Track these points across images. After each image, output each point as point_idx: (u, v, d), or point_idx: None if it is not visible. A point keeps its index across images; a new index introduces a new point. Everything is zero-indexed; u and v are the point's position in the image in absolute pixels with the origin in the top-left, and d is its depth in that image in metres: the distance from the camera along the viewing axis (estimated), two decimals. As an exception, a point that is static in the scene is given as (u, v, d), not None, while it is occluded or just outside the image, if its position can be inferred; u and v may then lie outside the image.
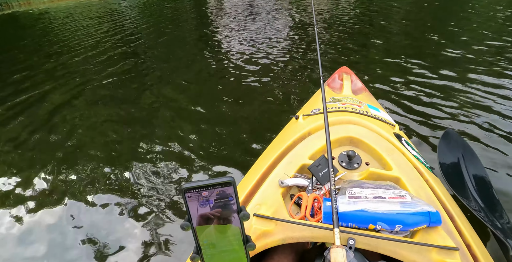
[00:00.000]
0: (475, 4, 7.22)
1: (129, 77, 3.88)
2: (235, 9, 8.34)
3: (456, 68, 3.22)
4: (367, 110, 1.32)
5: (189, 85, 3.25)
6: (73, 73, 4.13)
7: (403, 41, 4.37)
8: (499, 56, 3.54)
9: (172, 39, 5.59)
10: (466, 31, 4.61)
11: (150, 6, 11.47)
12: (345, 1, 8.51)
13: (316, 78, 3.11)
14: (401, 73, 3.20)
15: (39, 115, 2.98)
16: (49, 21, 9.79)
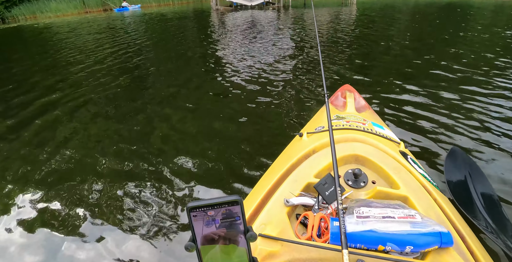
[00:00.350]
0: (475, 25, 7.35)
1: (130, 92, 3.88)
2: (238, 28, 8.47)
3: (459, 87, 3.23)
4: (372, 128, 1.31)
5: (192, 102, 3.23)
6: (72, 87, 4.14)
7: (404, 59, 4.40)
8: (503, 74, 3.56)
9: (174, 56, 5.63)
10: (468, 50, 4.66)
11: (154, 23, 11.66)
12: (345, 20, 8.69)
13: (318, 95, 3.12)
14: (403, 91, 3.21)
15: (30, 130, 2.95)
16: (52, 35, 9.95)
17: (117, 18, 14.48)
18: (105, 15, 17.82)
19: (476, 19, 8.35)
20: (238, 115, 2.85)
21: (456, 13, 10.55)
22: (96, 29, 10.60)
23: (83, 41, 8.04)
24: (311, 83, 3.54)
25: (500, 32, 6.00)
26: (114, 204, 1.86)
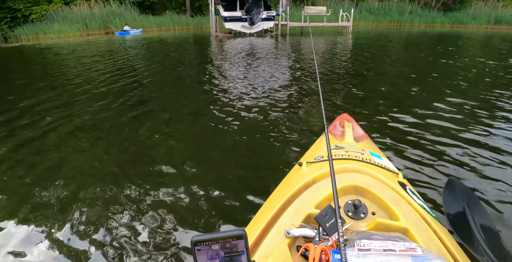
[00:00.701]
0: (466, 56, 7.65)
1: (125, 116, 3.89)
2: (236, 55, 8.67)
3: (455, 116, 3.30)
4: (370, 158, 1.31)
5: (187, 129, 3.22)
6: (66, 110, 4.14)
7: (399, 89, 4.50)
8: (497, 104, 3.65)
9: (171, 82, 5.69)
10: (460, 80, 4.81)
11: (154, 47, 11.92)
12: (341, 49, 8.98)
13: (317, 124, 3.14)
14: (400, 120, 3.26)
15: (22, 152, 2.91)
16: (53, 56, 10.07)
17: (118, 41, 14.80)
18: (107, 38, 18.23)
19: (466, 50, 8.68)
20: (236, 143, 2.84)
21: (447, 44, 10.95)
22: (97, 51, 10.80)
23: (83, 63, 8.17)
24: (309, 112, 3.58)
25: (490, 64, 6.23)
26: (110, 233, 1.80)
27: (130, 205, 2.01)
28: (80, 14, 22.74)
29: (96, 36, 20.93)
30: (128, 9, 23.58)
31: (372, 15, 26.02)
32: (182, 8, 26.47)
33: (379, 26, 25.00)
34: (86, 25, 22.36)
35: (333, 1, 26.32)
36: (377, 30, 20.09)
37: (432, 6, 28.91)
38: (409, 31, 20.32)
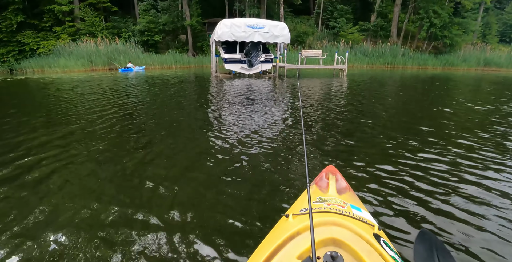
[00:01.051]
0: (457, 99, 7.90)
1: (121, 151, 3.98)
2: (234, 95, 8.92)
3: (438, 167, 3.37)
4: (350, 211, 1.42)
5: (178, 177, 3.23)
6: (63, 145, 4.21)
7: (387, 137, 4.56)
8: (481, 153, 3.75)
9: (170, 119, 5.86)
10: (445, 127, 4.95)
11: (155, 85, 12.28)
12: (335, 92, 9.29)
13: (304, 177, 3.20)
14: (385, 170, 3.35)
15: (15, 186, 2.97)
16: (56, 91, 10.28)
17: (121, 78, 15.24)
18: (110, 74, 18.79)
19: (457, 94, 8.99)
20: (224, 193, 2.88)
21: (439, 87, 11.35)
22: (99, 88, 11.08)
23: (83, 100, 8.39)
24: (299, 161, 3.64)
25: (480, 109, 6.44)
26: None
27: (114, 250, 2.03)
28: (86, 50, 23.60)
29: (100, 71, 21.57)
30: (133, 47, 24.55)
31: (367, 57, 27.16)
32: (185, 47, 27.61)
33: (373, 68, 26.00)
34: (91, 61, 23.12)
35: (328, 44, 27.61)
36: (372, 72, 20.85)
37: (423, 49, 30.31)
38: (402, 73, 21.09)
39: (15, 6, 24.95)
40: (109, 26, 27.91)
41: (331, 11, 31.80)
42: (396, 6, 29.53)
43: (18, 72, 24.26)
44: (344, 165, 3.48)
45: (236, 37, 14.32)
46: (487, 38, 35.78)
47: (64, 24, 26.34)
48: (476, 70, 28.64)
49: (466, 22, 30.40)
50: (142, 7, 27.72)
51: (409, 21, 31.03)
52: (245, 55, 15.23)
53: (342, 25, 29.74)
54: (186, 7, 26.56)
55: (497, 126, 5.28)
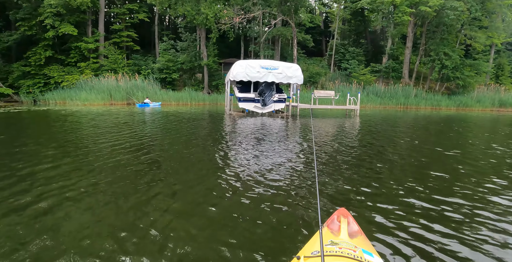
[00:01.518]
0: (472, 141, 7.71)
1: (133, 185, 4.02)
2: (247, 134, 9.04)
3: (458, 216, 3.22)
4: (362, 256, 1.44)
5: (189, 218, 3.21)
6: (71, 177, 4.26)
7: (400, 181, 4.49)
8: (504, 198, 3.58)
9: (182, 162, 5.91)
10: (472, 175, 4.78)
11: (170, 120, 12.59)
12: (348, 133, 9.27)
13: (316, 217, 3.12)
14: (397, 216, 3.26)
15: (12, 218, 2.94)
16: (73, 124, 10.52)
17: (138, 113, 15.72)
18: (128, 108, 19.44)
19: (473, 136, 8.76)
20: (235, 229, 2.86)
21: (453, 128, 11.15)
22: (115, 122, 11.41)
23: (99, 133, 8.62)
24: (310, 202, 3.58)
25: (497, 154, 6.24)
26: None
27: None
28: (106, 85, 24.71)
29: (118, 106, 22.36)
30: (151, 84, 25.61)
31: (379, 98, 27.41)
32: (200, 85, 28.66)
33: (386, 108, 26.11)
34: (111, 95, 24.10)
35: (341, 85, 28.17)
36: (384, 113, 20.91)
37: (436, 90, 30.48)
38: (416, 113, 21.06)
39: (46, 42, 26.83)
40: (130, 63, 29.44)
41: (343, 53, 32.88)
42: (407, 48, 30.33)
43: (41, 103, 25.41)
44: (356, 208, 3.42)
45: (250, 77, 14.81)
46: (500, 79, 35.90)
47: (89, 60, 27.97)
48: (491, 111, 28.41)
49: (478, 63, 30.78)
50: (162, 47, 29.32)
51: (421, 63, 31.64)
52: (258, 95, 15.62)
53: (354, 67, 30.52)
54: (203, 47, 27.97)
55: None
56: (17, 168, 4.80)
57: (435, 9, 26.03)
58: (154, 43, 33.15)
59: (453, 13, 25.86)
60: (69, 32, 26.23)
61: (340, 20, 36.01)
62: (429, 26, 29.65)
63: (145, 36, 34.29)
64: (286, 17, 26.30)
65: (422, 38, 30.52)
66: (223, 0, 27.20)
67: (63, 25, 26.16)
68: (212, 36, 27.31)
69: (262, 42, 28.42)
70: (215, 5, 25.94)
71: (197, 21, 25.84)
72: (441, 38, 28.96)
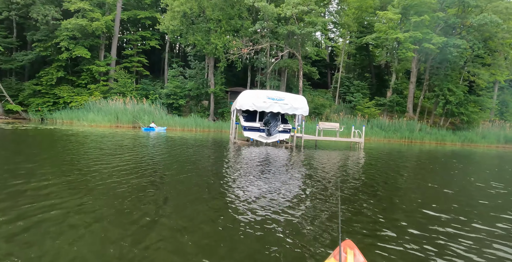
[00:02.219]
0: (480, 178, 7.51)
1: (130, 210, 3.98)
2: (251, 163, 8.97)
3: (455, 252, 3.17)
4: None
5: (181, 247, 3.13)
6: (75, 195, 4.27)
7: (407, 214, 4.49)
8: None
9: (185, 182, 5.89)
10: (479, 215, 4.64)
11: (174, 146, 12.58)
12: (352, 167, 9.15)
13: (318, 253, 3.13)
14: (401, 251, 3.24)
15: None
16: (78, 144, 10.52)
17: (143, 137, 15.77)
18: (133, 132, 19.54)
19: (479, 174, 8.54)
20: (239, 255, 2.85)
21: (459, 165, 10.96)
22: (119, 145, 11.42)
23: (101, 155, 8.61)
24: (314, 237, 3.54)
25: (504, 193, 6.06)
26: None
27: None
28: (114, 108, 25.10)
29: (124, 128, 22.54)
30: (158, 108, 25.99)
31: (383, 131, 27.49)
32: (206, 112, 29.03)
33: (390, 142, 26.06)
34: (117, 118, 24.40)
35: (345, 117, 28.40)
36: (389, 146, 20.82)
37: (441, 125, 30.57)
38: (421, 148, 20.93)
39: (59, 63, 27.72)
40: (139, 87, 30.08)
41: (348, 86, 33.46)
42: (411, 83, 30.84)
43: (48, 121, 25.74)
44: (361, 241, 3.43)
45: (256, 107, 14.98)
46: (505, 116, 36.12)
47: (99, 83, 28.67)
48: (497, 147, 28.25)
49: (482, 99, 31.15)
50: (171, 73, 30.08)
51: (425, 98, 32.00)
52: (264, 124, 15.71)
53: (359, 100, 30.91)
54: (211, 76, 28.65)
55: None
56: (16, 184, 4.89)
57: (438, 46, 26.77)
58: (163, 69, 34.07)
59: (456, 51, 26.56)
60: (82, 55, 27.16)
61: (346, 54, 37.05)
62: (433, 62, 30.36)
63: (155, 62, 35.33)
64: (293, 50, 27.11)
65: (426, 74, 31.12)
66: (233, 32, 28.21)
67: (77, 48, 27.13)
68: (220, 65, 28.07)
69: (269, 72, 29.10)
70: (224, 36, 26.90)
71: (207, 50, 26.69)
72: (444, 74, 29.54)
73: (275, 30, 26.27)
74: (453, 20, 28.37)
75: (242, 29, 27.82)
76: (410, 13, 27.92)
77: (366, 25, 34.88)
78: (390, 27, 28.24)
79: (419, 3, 27.00)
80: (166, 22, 26.51)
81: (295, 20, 25.47)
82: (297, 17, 25.37)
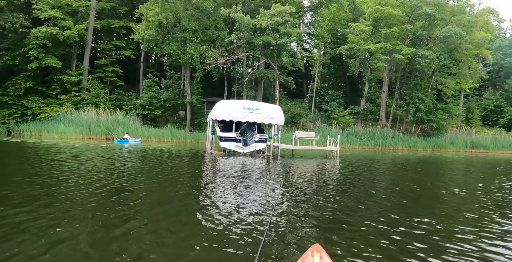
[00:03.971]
0: (449, 182, 7.78)
1: (106, 224, 3.92)
2: (227, 173, 8.93)
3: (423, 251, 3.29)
4: None
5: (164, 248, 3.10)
6: (48, 213, 4.11)
7: (375, 219, 4.60)
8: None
9: (160, 194, 5.79)
10: (440, 211, 4.75)
11: (149, 157, 12.31)
12: (327, 174, 9.24)
13: (292, 255, 3.22)
14: (368, 256, 3.31)
15: None
16: (47, 160, 10.02)
17: (116, 150, 15.31)
18: (106, 144, 18.95)
19: (447, 179, 8.82)
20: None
21: (430, 171, 11.28)
22: (91, 158, 11.00)
23: (71, 169, 8.28)
24: (286, 245, 3.60)
25: (469, 198, 6.27)
26: None
27: None
28: (86, 119, 24.32)
29: (96, 141, 21.82)
30: (132, 119, 25.41)
31: (358, 139, 28.18)
32: (183, 123, 28.69)
33: (365, 149, 26.70)
34: (90, 129, 23.63)
35: (321, 126, 28.92)
36: (363, 153, 21.32)
37: (412, 132, 31.74)
38: (394, 155, 21.55)
39: (28, 73, 26.64)
40: (113, 98, 29.36)
41: (323, 96, 34.28)
42: (383, 92, 31.96)
43: (15, 134, 24.55)
44: (329, 244, 3.53)
45: (232, 117, 14.97)
46: (471, 122, 38.10)
47: (70, 93, 27.72)
48: (464, 152, 29.62)
49: (449, 107, 32.81)
50: (147, 83, 29.62)
51: (396, 106, 33.21)
52: (240, 134, 15.69)
53: (334, 109, 31.71)
54: (187, 86, 28.45)
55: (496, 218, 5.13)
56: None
57: (408, 56, 28.03)
58: (138, 79, 33.51)
59: (424, 61, 27.90)
60: (53, 64, 26.23)
61: (320, 64, 37.94)
62: (403, 72, 31.72)
63: (130, 72, 34.72)
64: (269, 60, 27.47)
65: (397, 83, 32.41)
66: (209, 42, 28.28)
67: (47, 57, 26.21)
68: (197, 75, 27.95)
69: (245, 82, 29.28)
70: (200, 46, 26.89)
71: (183, 60, 26.55)
72: (414, 83, 30.89)
73: (251, 40, 26.56)
74: (420, 32, 29.87)
75: (218, 39, 27.94)
76: (381, 25, 29.17)
77: (339, 36, 36.02)
78: (362, 39, 29.31)
79: (388, 16, 28.25)
80: (141, 31, 26.21)
81: (270, 31, 25.89)
82: (272, 28, 25.80)
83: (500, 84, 45.29)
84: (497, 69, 45.42)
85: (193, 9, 26.38)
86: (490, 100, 41.60)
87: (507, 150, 31.93)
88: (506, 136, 33.85)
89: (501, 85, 44.72)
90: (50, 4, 26.10)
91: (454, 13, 29.82)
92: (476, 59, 37.61)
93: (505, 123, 38.71)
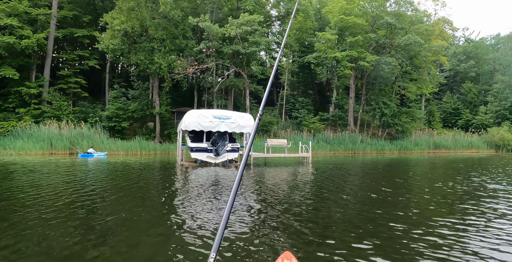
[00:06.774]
0: (414, 181, 8.01)
1: (73, 244, 3.73)
2: (199, 185, 8.69)
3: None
4: None
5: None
6: (13, 235, 3.60)
7: (349, 225, 4.63)
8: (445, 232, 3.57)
9: (129, 211, 5.56)
10: (408, 210, 4.83)
11: (116, 172, 11.72)
12: (300, 180, 9.23)
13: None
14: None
15: None
16: (6, 174, 9.34)
17: (80, 165, 14.51)
18: (69, 159, 17.92)
19: (412, 181, 9.08)
20: None
21: (397, 173, 11.62)
22: (52, 176, 10.25)
23: (38, 185, 7.80)
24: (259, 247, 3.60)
25: (432, 199, 6.47)
26: None
27: None
28: (47, 133, 22.97)
29: (58, 156, 20.59)
30: (98, 132, 24.32)
31: (329, 144, 28.76)
32: (152, 134, 27.83)
33: (335, 154, 27.24)
34: (51, 144, 22.32)
35: (292, 133, 29.24)
36: (334, 158, 21.69)
37: (379, 136, 32.90)
38: (363, 158, 22.12)
39: (-19, 86, 24.83)
40: (77, 110, 28.03)
41: (293, 103, 34.82)
42: (350, 98, 33.00)
43: (-34, 151, 22.66)
44: (301, 252, 3.57)
45: (203, 127, 14.71)
46: (432, 125, 40.41)
47: (29, 106, 26.12)
48: (428, 153, 31.14)
49: (412, 111, 34.60)
50: (113, 94, 28.58)
51: (363, 111, 34.37)
52: (211, 144, 15.43)
53: (304, 116, 32.28)
54: (156, 96, 27.79)
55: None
56: None
57: (372, 63, 29.21)
58: (104, 90, 32.33)
59: (387, 67, 29.21)
60: (9, 75, 24.63)
61: (289, 72, 38.59)
62: (368, 78, 33.00)
63: (95, 83, 33.46)
64: (239, 69, 27.52)
65: (363, 89, 33.63)
66: (177, 51, 27.90)
67: (3, 68, 24.62)
68: (165, 85, 27.39)
69: (215, 92, 29.07)
70: (169, 55, 26.45)
71: (150, 70, 25.95)
72: (379, 89, 32.22)
73: (220, 49, 26.51)
74: (383, 40, 31.31)
75: (187, 49, 27.63)
76: (346, 34, 30.27)
77: (307, 45, 36.90)
78: (329, 47, 30.21)
79: (353, 25, 29.38)
80: (106, 41, 25.31)
81: (239, 40, 26.00)
82: (241, 37, 25.93)
83: (456, 88, 48.46)
84: (453, 74, 48.62)
85: (160, 18, 25.97)
86: (449, 103, 44.50)
87: (466, 149, 34.11)
88: (464, 137, 36.18)
89: (458, 89, 47.90)
90: (6, 12, 24.70)
91: (413, 22, 31.56)
92: (434, 65, 40.05)
93: (463, 124, 41.67)
